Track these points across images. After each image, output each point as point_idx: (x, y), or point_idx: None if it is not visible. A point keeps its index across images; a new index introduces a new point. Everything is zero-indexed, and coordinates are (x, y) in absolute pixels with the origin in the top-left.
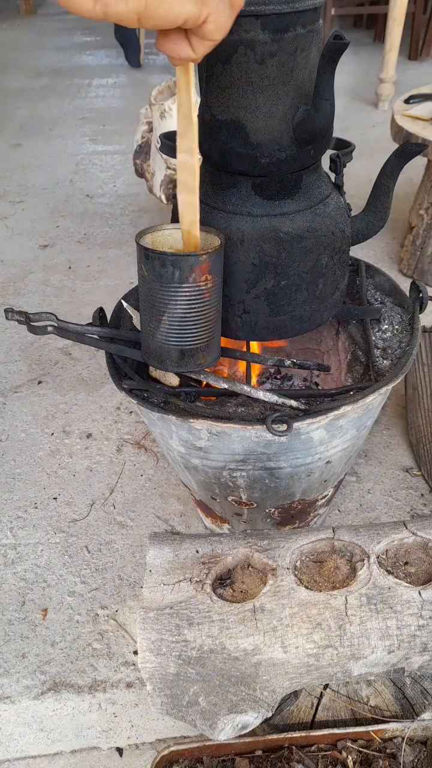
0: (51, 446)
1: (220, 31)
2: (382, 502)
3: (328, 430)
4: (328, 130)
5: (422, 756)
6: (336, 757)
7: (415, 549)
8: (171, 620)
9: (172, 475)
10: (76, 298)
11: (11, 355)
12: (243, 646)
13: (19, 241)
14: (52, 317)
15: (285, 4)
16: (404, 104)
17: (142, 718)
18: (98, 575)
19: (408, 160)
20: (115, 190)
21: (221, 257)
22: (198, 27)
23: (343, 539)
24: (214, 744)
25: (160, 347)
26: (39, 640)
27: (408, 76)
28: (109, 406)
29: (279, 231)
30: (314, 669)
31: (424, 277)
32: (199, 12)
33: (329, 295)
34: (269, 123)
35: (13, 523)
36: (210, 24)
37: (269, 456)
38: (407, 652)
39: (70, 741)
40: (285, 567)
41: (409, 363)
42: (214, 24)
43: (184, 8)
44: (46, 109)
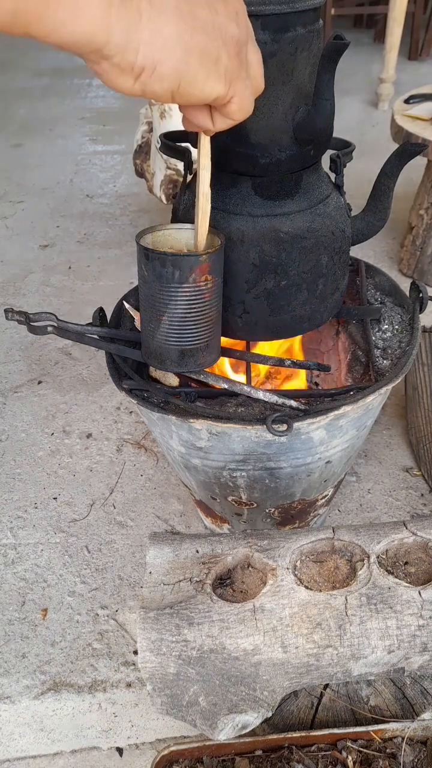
0: (51, 446)
1: (242, 113)
2: (382, 502)
3: (328, 430)
4: (328, 130)
5: (422, 756)
6: (336, 757)
7: (415, 549)
8: (171, 620)
9: (172, 475)
10: (76, 298)
11: (11, 355)
12: (243, 646)
13: (19, 241)
14: (52, 317)
15: (285, 4)
16: (404, 104)
17: (142, 718)
18: (98, 575)
19: (408, 160)
20: (115, 190)
21: (221, 257)
22: (223, 106)
23: (343, 539)
24: (214, 744)
25: (160, 347)
26: (39, 640)
27: (408, 76)
28: (109, 406)
29: (279, 231)
30: (314, 669)
31: (424, 277)
32: (227, 92)
33: (329, 295)
34: (269, 123)
35: (13, 523)
36: (234, 105)
37: (269, 456)
38: (407, 652)
39: (70, 741)
40: (285, 567)
41: (409, 363)
42: (238, 105)
43: (214, 89)
44: (46, 109)
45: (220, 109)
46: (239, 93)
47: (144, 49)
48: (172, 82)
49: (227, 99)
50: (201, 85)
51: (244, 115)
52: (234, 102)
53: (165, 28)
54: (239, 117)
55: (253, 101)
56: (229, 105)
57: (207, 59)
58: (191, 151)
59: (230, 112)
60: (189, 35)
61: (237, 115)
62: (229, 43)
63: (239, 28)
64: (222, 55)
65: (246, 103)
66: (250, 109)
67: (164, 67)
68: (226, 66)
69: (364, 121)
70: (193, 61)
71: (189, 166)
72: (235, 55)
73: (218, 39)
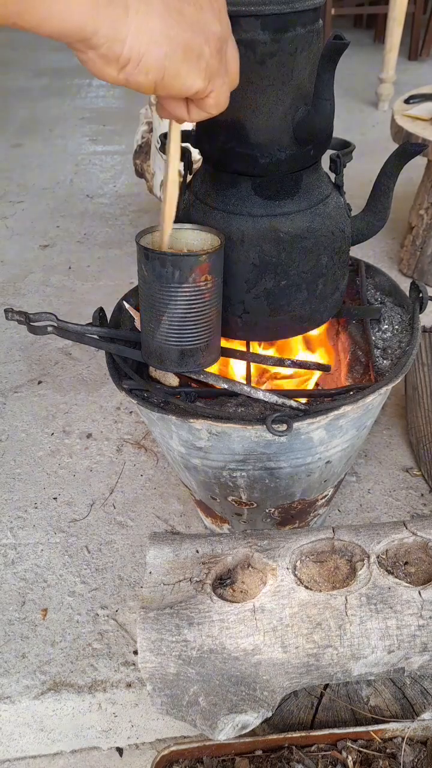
0: (51, 446)
1: (218, 107)
2: (382, 502)
3: (328, 430)
4: (327, 130)
5: (422, 756)
6: (336, 757)
7: (415, 549)
8: (171, 620)
9: (172, 475)
10: (76, 298)
11: (11, 355)
12: (243, 646)
13: (19, 241)
14: (52, 317)
15: (285, 4)
16: (404, 104)
17: (142, 718)
18: (98, 575)
19: (408, 160)
20: (115, 190)
21: (221, 257)
22: (200, 99)
23: (343, 539)
24: (214, 744)
25: (160, 347)
26: (39, 640)
27: (408, 76)
28: (109, 406)
29: (279, 231)
30: (314, 669)
31: (424, 277)
32: (206, 87)
33: (329, 295)
34: (269, 123)
35: (13, 523)
36: (211, 99)
37: (269, 456)
38: (407, 652)
39: (70, 741)
40: (285, 567)
41: (409, 363)
42: (215, 100)
43: (195, 83)
44: (46, 109)
45: (197, 102)
46: (217, 88)
47: (131, 42)
48: (156, 74)
49: (206, 93)
50: (183, 79)
51: (219, 109)
52: (211, 97)
53: (152, 23)
54: (215, 111)
55: (228, 96)
56: (206, 99)
57: (191, 54)
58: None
59: (207, 105)
60: (175, 30)
61: (213, 109)
62: (212, 39)
63: (221, 26)
64: (204, 51)
65: (222, 99)
66: (225, 104)
67: (149, 59)
68: (207, 62)
69: (364, 121)
70: (177, 55)
71: (189, 166)
72: (216, 52)
73: (202, 35)
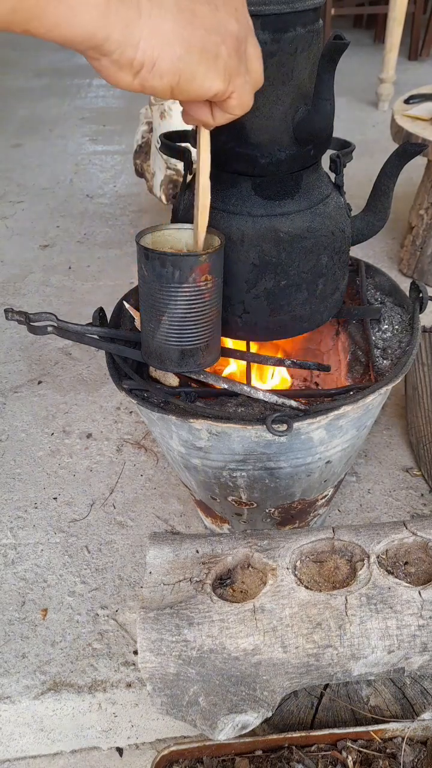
0: (51, 446)
1: (242, 107)
2: (382, 502)
3: (328, 430)
4: (327, 130)
5: (422, 756)
6: (336, 757)
7: (415, 549)
8: (171, 620)
9: (172, 475)
10: (76, 298)
11: (11, 355)
12: (243, 646)
13: (19, 241)
14: (52, 317)
15: (285, 4)
16: (404, 104)
17: (142, 718)
18: (98, 575)
19: (408, 160)
20: (115, 190)
21: (221, 257)
22: (222, 101)
23: (343, 539)
24: (214, 744)
25: (160, 347)
26: (39, 640)
27: (408, 76)
28: (109, 406)
29: (279, 231)
30: (314, 669)
31: (424, 277)
32: (226, 88)
33: (329, 295)
34: (269, 123)
35: (13, 523)
36: (234, 100)
37: (269, 456)
38: (407, 652)
39: (70, 741)
40: (285, 567)
41: (409, 363)
42: (238, 101)
43: (214, 85)
44: (46, 109)
45: (219, 105)
46: (239, 88)
47: (144, 46)
48: (172, 78)
49: (227, 95)
50: (200, 81)
51: (243, 110)
52: (233, 97)
53: (165, 25)
54: (239, 112)
55: (252, 96)
56: (228, 100)
57: (206, 55)
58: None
59: (230, 107)
60: (189, 31)
61: (236, 110)
62: (229, 39)
63: (239, 24)
64: (221, 51)
65: (245, 99)
66: (249, 104)
67: (164, 63)
68: (225, 62)
69: (364, 121)
70: (192, 57)
71: (189, 166)
72: (234, 51)
73: (218, 35)
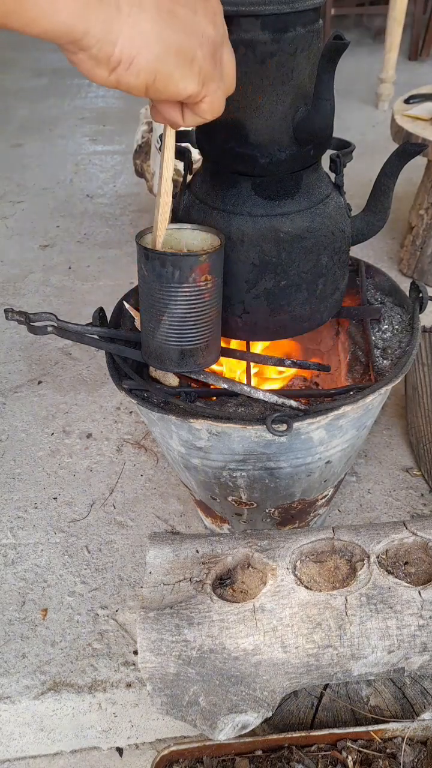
0: (51, 446)
1: (213, 112)
2: (382, 502)
3: (328, 430)
4: (327, 130)
5: (422, 756)
6: (336, 757)
7: (415, 549)
8: (171, 620)
9: (172, 475)
10: (76, 298)
11: (11, 355)
12: (243, 646)
13: (19, 241)
14: (52, 317)
15: (285, 4)
16: (404, 104)
17: (142, 718)
18: (98, 575)
19: (408, 160)
20: (115, 190)
21: (221, 257)
22: (194, 104)
23: (343, 539)
24: (214, 744)
25: (160, 347)
26: (39, 640)
27: (408, 76)
28: (109, 406)
29: (279, 231)
30: (314, 669)
31: (424, 277)
32: (199, 91)
33: (329, 295)
34: (269, 123)
35: (13, 523)
36: (205, 104)
37: (269, 456)
38: (407, 652)
39: (70, 741)
40: (285, 567)
41: (409, 363)
42: (209, 105)
43: (188, 87)
44: (46, 109)
45: (191, 107)
46: (211, 93)
47: (122, 43)
48: (148, 76)
49: (199, 98)
50: (175, 83)
51: (214, 114)
52: (205, 101)
53: (144, 24)
54: (209, 116)
55: (224, 102)
56: (200, 104)
57: (183, 58)
58: (191, 151)
59: (201, 110)
60: (167, 33)
61: (207, 114)
62: (206, 43)
63: (216, 30)
64: (198, 54)
65: (217, 104)
66: (220, 109)
67: (141, 61)
68: (200, 65)
69: (364, 121)
70: (169, 58)
71: (189, 166)
72: (210, 56)
73: (195, 39)
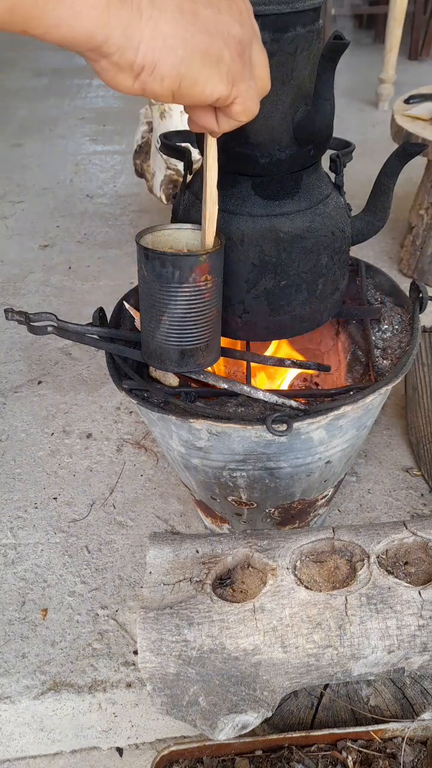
0: (51, 446)
1: (247, 114)
2: (382, 502)
3: (328, 430)
4: (328, 130)
5: (422, 756)
6: (336, 757)
7: (415, 549)
8: (171, 620)
9: (172, 475)
10: (76, 298)
11: (11, 355)
12: (243, 646)
13: (19, 241)
14: (52, 317)
15: (285, 4)
16: (404, 104)
17: (142, 718)
18: (98, 575)
19: (408, 160)
20: (115, 190)
21: (221, 257)
22: (226, 107)
23: (343, 539)
24: (214, 744)
25: (160, 347)
26: (39, 640)
27: (408, 76)
28: (109, 406)
29: (279, 231)
30: (314, 669)
31: (424, 277)
32: (229, 93)
33: (329, 295)
34: (269, 123)
35: (13, 523)
36: (238, 106)
37: (269, 456)
38: (407, 652)
39: (70, 741)
40: (285, 567)
41: (409, 363)
42: (242, 106)
43: (216, 89)
44: (46, 109)
45: (223, 110)
46: (243, 94)
47: (144, 48)
48: (173, 81)
49: (230, 100)
50: (202, 86)
51: (248, 116)
52: (237, 103)
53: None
54: (244, 118)
55: (258, 102)
56: (232, 106)
57: (209, 59)
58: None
59: (234, 113)
60: (191, 34)
61: (241, 117)
62: (232, 43)
63: (243, 28)
64: (224, 55)
65: (250, 105)
66: (255, 110)
67: (164, 66)
68: (228, 66)
69: (364, 121)
70: (194, 61)
71: (189, 166)
72: (237, 56)
73: (221, 39)
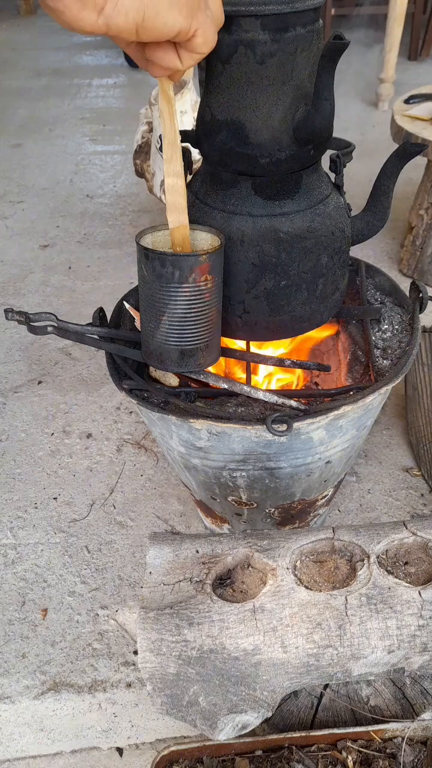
0: (51, 446)
1: (207, 45)
2: (382, 502)
3: (328, 430)
4: (327, 130)
5: (422, 756)
6: (336, 757)
7: (415, 549)
8: (171, 620)
9: (172, 475)
10: (76, 298)
11: (11, 355)
12: (243, 646)
13: (19, 241)
14: (52, 317)
15: (285, 4)
16: (404, 104)
17: (142, 718)
18: (98, 575)
19: (408, 160)
20: (115, 190)
21: (221, 257)
22: (187, 41)
23: (343, 539)
24: (214, 744)
25: (160, 347)
26: (39, 640)
27: (408, 76)
28: (109, 406)
29: (279, 231)
30: (314, 669)
31: (424, 277)
32: (189, 25)
33: (329, 295)
34: (269, 123)
35: (13, 523)
36: (198, 37)
37: (269, 456)
38: (407, 652)
39: (70, 741)
40: (285, 567)
41: (409, 363)
42: (203, 38)
43: (177, 21)
44: (46, 109)
45: (184, 45)
46: (202, 25)
47: None
48: (137, 14)
49: (191, 32)
50: (164, 18)
51: (209, 47)
52: (198, 35)
53: None
54: (205, 49)
55: (216, 33)
56: (193, 39)
57: None
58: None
59: (195, 45)
60: None
61: (202, 48)
62: None
63: None
64: None
65: (209, 35)
66: (213, 41)
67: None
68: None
69: (364, 121)
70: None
71: (189, 166)
72: None
73: None
